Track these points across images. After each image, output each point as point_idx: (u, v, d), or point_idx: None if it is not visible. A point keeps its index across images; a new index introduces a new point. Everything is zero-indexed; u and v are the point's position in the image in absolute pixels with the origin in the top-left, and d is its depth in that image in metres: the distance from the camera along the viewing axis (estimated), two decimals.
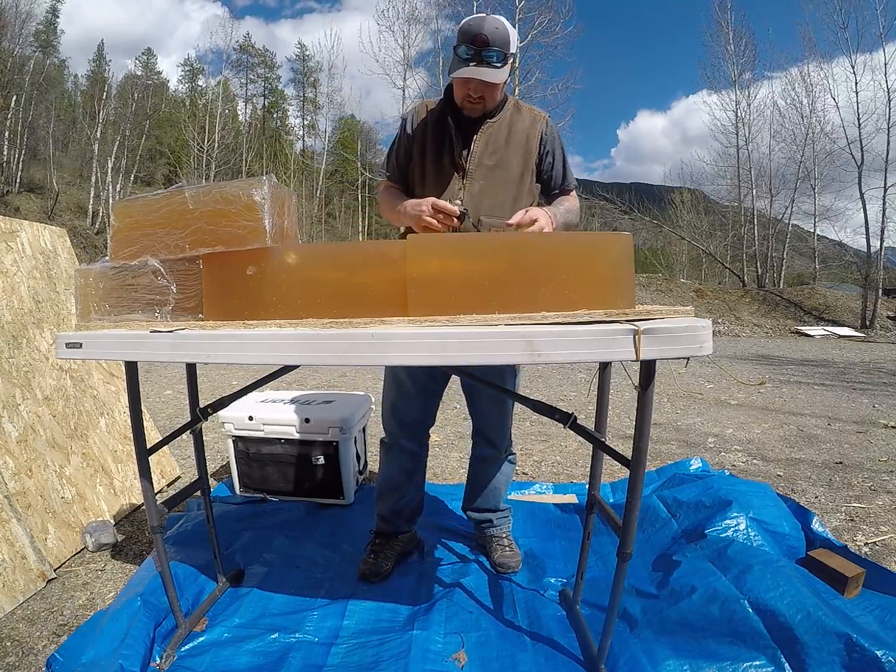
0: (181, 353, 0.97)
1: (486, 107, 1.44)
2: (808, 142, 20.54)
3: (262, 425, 2.09)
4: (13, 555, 1.53)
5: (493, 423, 1.66)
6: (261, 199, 1.02)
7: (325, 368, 6.14)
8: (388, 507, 1.67)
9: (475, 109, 1.43)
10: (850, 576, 1.38)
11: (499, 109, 1.49)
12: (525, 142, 1.49)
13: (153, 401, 4.37)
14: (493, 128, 1.47)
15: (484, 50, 1.30)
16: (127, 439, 2.26)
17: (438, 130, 1.49)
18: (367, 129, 33.51)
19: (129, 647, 1.20)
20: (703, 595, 1.32)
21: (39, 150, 26.03)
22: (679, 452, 3.01)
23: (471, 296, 0.94)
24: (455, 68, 1.34)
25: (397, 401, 1.62)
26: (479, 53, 1.30)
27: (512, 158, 1.48)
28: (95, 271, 1.13)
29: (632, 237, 1.03)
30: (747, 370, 7.01)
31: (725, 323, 16.14)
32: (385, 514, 1.68)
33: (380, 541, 1.67)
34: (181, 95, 34.27)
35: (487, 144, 1.47)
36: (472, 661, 1.24)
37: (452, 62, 1.37)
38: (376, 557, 1.62)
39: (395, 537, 1.67)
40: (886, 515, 2.09)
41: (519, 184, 1.50)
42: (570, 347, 0.81)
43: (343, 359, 0.88)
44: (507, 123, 1.49)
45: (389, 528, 1.67)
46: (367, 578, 1.59)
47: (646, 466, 1.07)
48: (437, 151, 1.49)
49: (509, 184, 1.48)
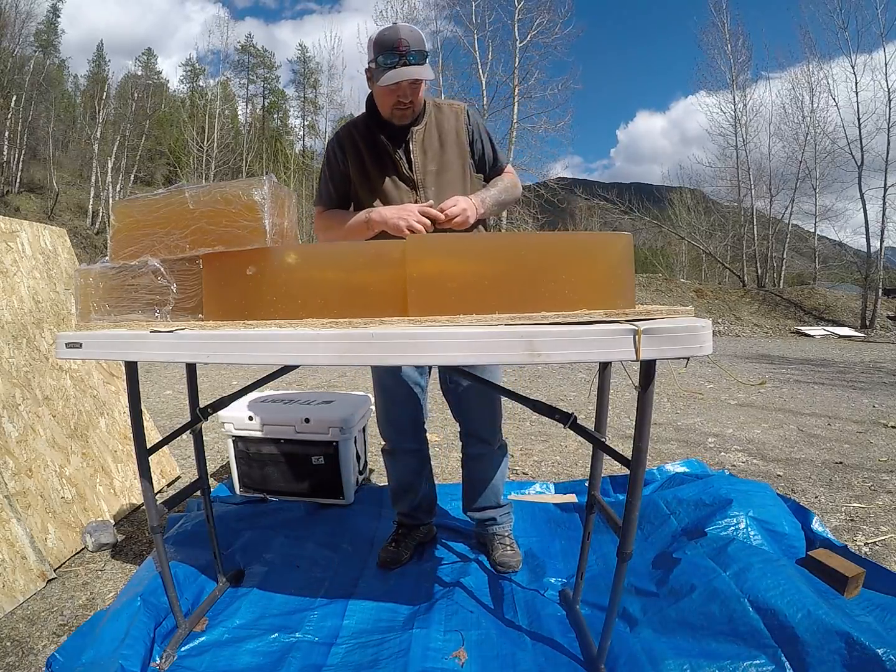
0: (181, 353, 0.97)
1: (414, 111, 1.46)
2: (808, 141, 20.55)
3: (262, 425, 2.09)
4: (13, 555, 1.53)
5: (484, 420, 1.66)
6: (261, 199, 1.02)
7: (325, 368, 6.14)
8: (406, 506, 1.74)
9: (405, 116, 1.45)
10: (850, 576, 1.38)
11: (422, 115, 1.52)
12: (456, 138, 1.53)
13: (153, 401, 4.37)
14: (423, 133, 1.51)
15: (407, 53, 1.33)
16: (127, 439, 2.26)
17: (373, 149, 1.51)
18: None
19: (129, 647, 1.20)
20: (703, 594, 1.33)
21: (39, 150, 26.04)
22: (679, 452, 3.01)
23: (471, 296, 0.94)
24: (381, 77, 1.36)
25: (389, 408, 1.67)
26: (403, 56, 1.34)
27: (451, 158, 1.53)
28: (95, 271, 1.13)
29: (632, 237, 1.03)
30: (747, 370, 7.01)
31: (725, 323, 16.14)
32: (405, 511, 1.75)
33: (402, 531, 1.74)
34: (181, 95, 34.28)
35: (425, 151, 1.51)
36: (472, 660, 1.24)
37: (374, 74, 1.39)
38: (397, 546, 1.70)
39: (416, 528, 1.76)
40: (886, 515, 2.09)
41: (463, 180, 1.55)
42: (570, 347, 0.81)
43: (343, 359, 0.88)
44: (434, 126, 1.52)
45: (412, 521, 1.75)
46: (387, 565, 1.66)
47: (646, 466, 1.07)
48: (380, 170, 1.51)
49: (456, 183, 1.53)
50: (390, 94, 1.40)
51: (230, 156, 26.59)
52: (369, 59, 1.40)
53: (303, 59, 36.58)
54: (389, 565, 1.66)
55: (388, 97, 1.41)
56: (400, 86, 1.37)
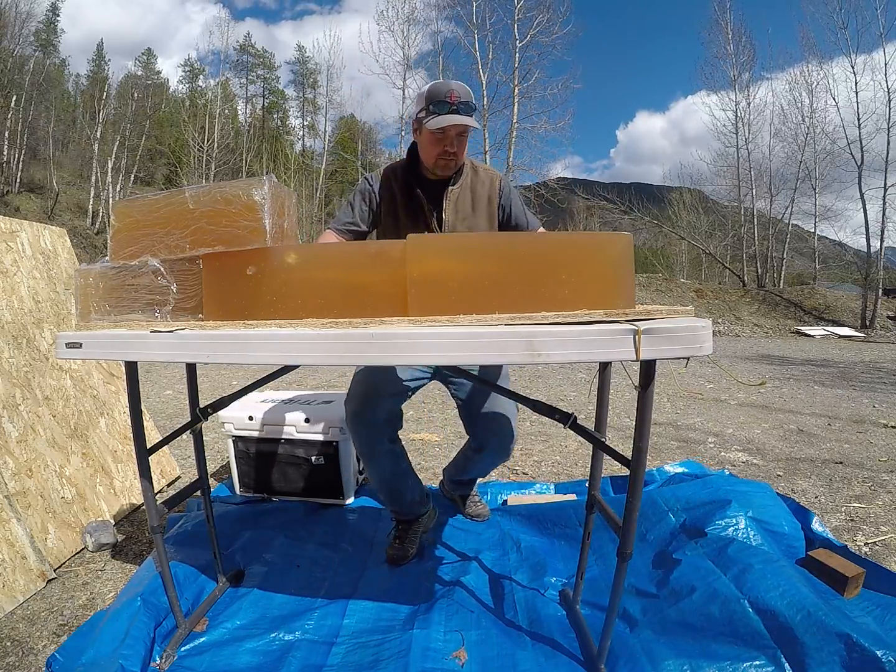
0: (181, 353, 0.97)
1: (457, 162, 1.52)
2: (808, 142, 20.55)
3: (262, 425, 2.09)
4: (13, 555, 1.53)
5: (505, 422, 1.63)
6: (261, 199, 1.02)
7: (325, 368, 6.14)
8: (398, 504, 1.72)
9: (448, 166, 1.51)
10: (850, 576, 1.38)
11: (460, 173, 1.58)
12: (487, 204, 1.61)
13: (153, 401, 4.37)
14: (458, 194, 1.57)
15: (457, 104, 1.41)
16: (127, 439, 2.26)
17: (408, 198, 1.56)
18: (368, 130, 33.55)
19: (129, 647, 1.20)
20: (703, 595, 1.33)
21: (39, 150, 26.04)
22: (679, 452, 3.01)
23: (471, 296, 0.94)
24: (430, 121, 1.41)
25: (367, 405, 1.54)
26: (453, 106, 1.41)
27: (480, 222, 1.59)
28: (95, 271, 1.13)
29: (632, 237, 1.03)
30: (747, 370, 7.01)
31: (725, 323, 16.14)
32: (399, 509, 1.73)
33: (402, 527, 1.73)
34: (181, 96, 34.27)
35: (457, 211, 1.57)
36: (472, 660, 1.24)
37: (423, 122, 1.44)
38: (402, 542, 1.70)
39: (416, 521, 1.75)
40: (886, 515, 2.09)
41: None
42: (570, 347, 0.81)
43: (343, 359, 0.88)
44: (469, 188, 1.59)
45: (409, 516, 1.73)
46: (395, 562, 1.67)
47: (646, 466, 1.07)
48: (411, 219, 1.56)
49: None
50: (437, 143, 1.46)
51: (230, 156, 26.60)
52: (418, 110, 1.47)
53: (301, 59, 36.62)
54: (398, 562, 1.66)
55: (435, 146, 1.47)
56: (447, 134, 1.44)
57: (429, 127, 1.41)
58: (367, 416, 1.54)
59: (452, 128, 1.43)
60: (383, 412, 1.56)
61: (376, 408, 1.54)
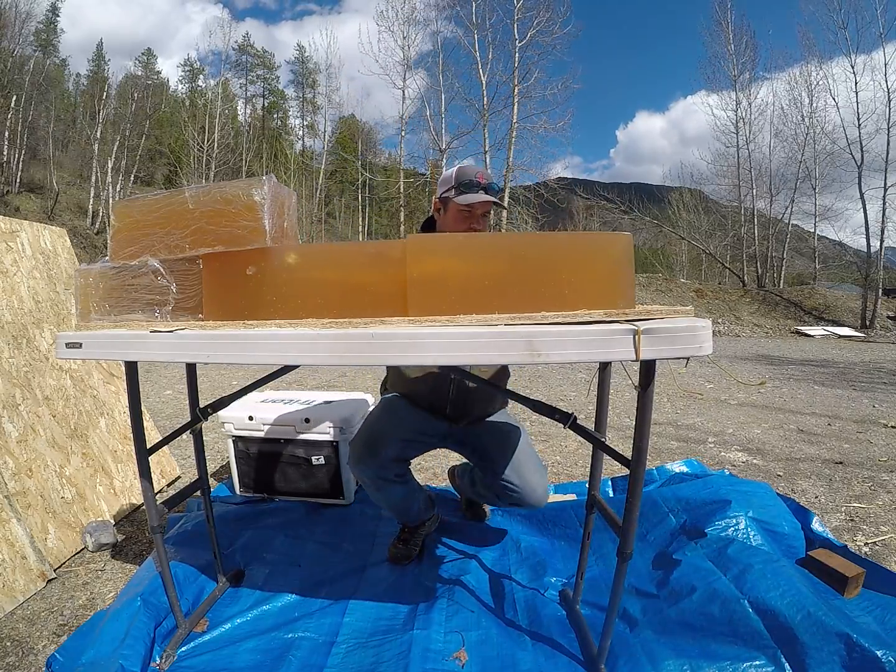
0: (181, 353, 0.96)
1: None
2: (808, 142, 20.55)
3: (262, 425, 2.09)
4: (13, 555, 1.53)
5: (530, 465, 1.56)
6: (261, 199, 1.02)
7: (325, 368, 6.13)
8: (405, 516, 1.69)
9: None
10: (850, 576, 1.38)
11: None
12: None
13: (153, 401, 4.37)
14: None
15: (486, 183, 1.48)
16: (127, 439, 2.26)
17: None
18: (368, 130, 33.55)
19: (130, 647, 1.20)
20: (703, 595, 1.32)
21: (39, 150, 26.03)
22: (679, 452, 3.01)
23: (471, 296, 0.94)
24: (459, 197, 1.47)
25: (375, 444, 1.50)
26: (481, 185, 1.48)
27: None
28: (95, 271, 1.13)
29: (632, 237, 1.03)
30: (747, 370, 7.01)
31: (725, 323, 16.14)
32: (406, 519, 1.71)
33: (408, 530, 1.74)
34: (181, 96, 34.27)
35: None
36: (472, 660, 1.24)
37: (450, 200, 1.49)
38: (406, 544, 1.71)
39: (422, 525, 1.76)
40: (886, 515, 2.09)
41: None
42: (570, 347, 0.81)
43: (343, 359, 0.88)
44: None
45: (415, 522, 1.74)
46: (398, 561, 1.68)
47: (646, 466, 1.07)
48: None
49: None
50: (464, 220, 1.50)
51: (230, 156, 26.59)
52: (444, 189, 1.52)
53: (301, 58, 36.63)
54: (400, 560, 1.67)
55: (462, 223, 1.51)
56: (474, 212, 1.49)
57: (459, 202, 1.47)
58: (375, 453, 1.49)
59: (480, 206, 1.48)
60: (393, 450, 1.51)
61: (386, 447, 1.50)
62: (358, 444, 1.53)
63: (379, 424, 1.58)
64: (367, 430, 1.57)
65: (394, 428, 1.56)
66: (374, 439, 1.52)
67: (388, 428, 1.56)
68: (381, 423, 1.58)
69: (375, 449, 1.50)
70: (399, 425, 1.57)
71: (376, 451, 1.50)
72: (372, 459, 1.50)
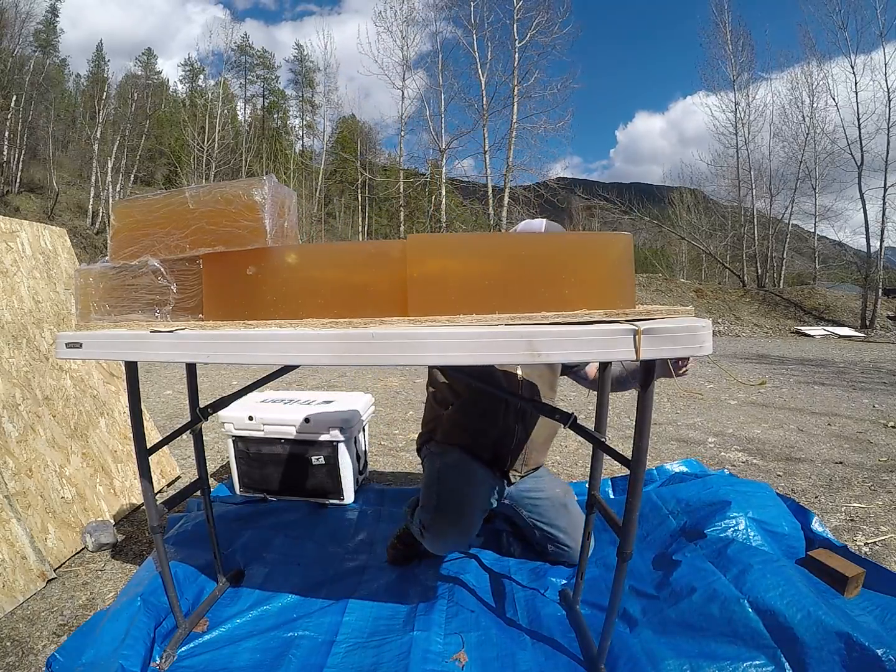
0: (181, 353, 0.96)
1: None
2: (808, 142, 20.55)
3: (262, 425, 2.09)
4: (13, 555, 1.53)
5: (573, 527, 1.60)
6: (261, 199, 1.02)
7: (325, 368, 6.13)
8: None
9: None
10: (850, 576, 1.38)
11: None
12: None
13: (153, 401, 4.37)
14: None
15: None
16: (127, 439, 2.26)
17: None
18: (368, 130, 33.52)
19: (129, 647, 1.20)
20: (703, 595, 1.32)
21: (39, 150, 26.03)
22: (679, 452, 3.01)
23: (471, 296, 0.94)
24: None
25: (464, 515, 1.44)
26: None
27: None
28: (95, 271, 1.13)
29: (632, 237, 1.02)
30: (747, 370, 7.01)
31: (725, 323, 16.14)
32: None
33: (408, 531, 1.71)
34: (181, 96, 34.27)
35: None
36: (472, 661, 1.24)
37: None
38: (405, 545, 1.69)
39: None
40: (886, 515, 2.09)
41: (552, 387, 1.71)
42: (570, 347, 0.81)
43: (343, 359, 0.88)
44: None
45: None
46: (397, 561, 1.67)
47: (646, 466, 1.07)
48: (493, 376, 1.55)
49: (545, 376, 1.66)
50: None
51: (230, 156, 26.59)
52: None
53: (301, 58, 36.63)
54: (400, 562, 1.67)
55: None
56: None
57: None
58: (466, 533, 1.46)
59: None
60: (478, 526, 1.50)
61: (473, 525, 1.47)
62: (442, 523, 1.43)
63: (460, 497, 1.48)
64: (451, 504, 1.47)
65: (476, 498, 1.51)
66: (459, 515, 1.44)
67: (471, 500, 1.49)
68: (462, 496, 1.48)
69: (467, 530, 1.45)
70: (477, 495, 1.51)
71: (467, 532, 1.46)
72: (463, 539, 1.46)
